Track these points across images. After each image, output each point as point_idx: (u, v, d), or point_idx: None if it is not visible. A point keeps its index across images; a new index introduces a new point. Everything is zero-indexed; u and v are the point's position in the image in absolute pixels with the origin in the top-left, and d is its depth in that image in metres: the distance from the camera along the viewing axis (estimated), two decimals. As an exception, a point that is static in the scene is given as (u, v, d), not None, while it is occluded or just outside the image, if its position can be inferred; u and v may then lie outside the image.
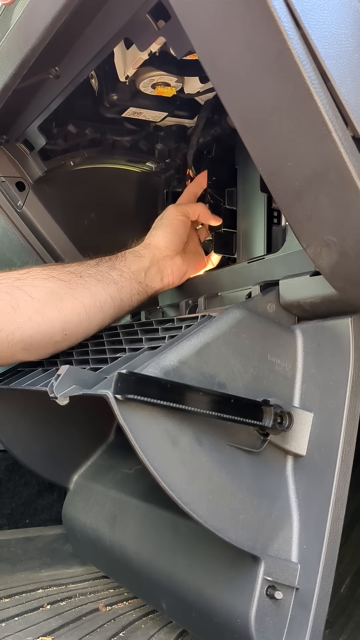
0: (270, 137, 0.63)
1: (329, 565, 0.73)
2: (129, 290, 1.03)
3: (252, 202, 1.11)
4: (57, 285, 0.95)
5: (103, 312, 0.99)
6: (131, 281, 1.04)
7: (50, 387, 0.70)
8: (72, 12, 0.78)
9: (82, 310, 0.96)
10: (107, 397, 0.64)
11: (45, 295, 0.94)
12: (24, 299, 0.92)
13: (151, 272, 1.08)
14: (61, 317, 0.94)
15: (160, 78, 1.07)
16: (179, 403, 0.67)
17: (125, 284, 1.03)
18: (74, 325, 0.96)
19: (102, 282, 1.00)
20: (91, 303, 0.97)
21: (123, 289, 1.02)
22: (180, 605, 0.85)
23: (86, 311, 0.97)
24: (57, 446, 1.15)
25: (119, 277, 1.02)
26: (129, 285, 1.03)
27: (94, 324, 0.99)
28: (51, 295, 0.94)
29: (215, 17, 0.58)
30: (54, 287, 0.95)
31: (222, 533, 0.70)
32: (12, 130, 1.19)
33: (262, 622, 0.72)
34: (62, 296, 0.95)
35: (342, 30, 0.56)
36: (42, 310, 0.93)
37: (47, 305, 0.93)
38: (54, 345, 0.97)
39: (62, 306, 0.94)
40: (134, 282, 1.04)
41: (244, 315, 0.78)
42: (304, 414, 0.77)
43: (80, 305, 0.96)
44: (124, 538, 0.99)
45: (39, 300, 0.93)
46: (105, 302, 0.99)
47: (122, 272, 1.03)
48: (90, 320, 0.98)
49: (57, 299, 0.94)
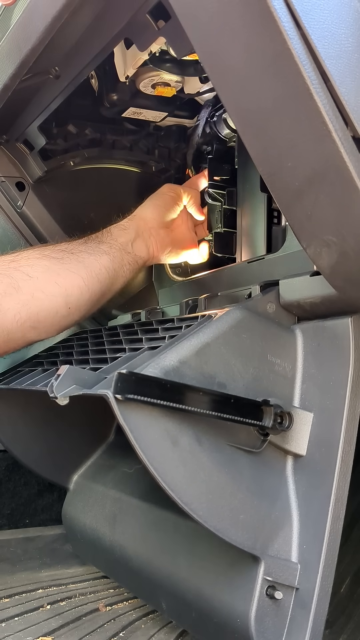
0: (270, 137, 0.63)
1: (329, 565, 0.73)
2: (120, 260, 1.07)
3: (252, 202, 1.11)
4: (51, 262, 0.99)
5: (100, 282, 1.03)
6: (121, 251, 1.08)
7: (50, 387, 0.70)
8: (72, 12, 0.78)
9: (80, 282, 1.00)
10: (107, 397, 0.64)
11: (42, 272, 0.97)
12: (23, 278, 0.94)
13: (137, 242, 1.12)
14: (62, 291, 0.97)
15: (160, 78, 1.07)
16: (179, 403, 0.67)
17: (116, 254, 1.07)
18: (75, 297, 0.99)
19: (93, 255, 1.04)
20: (87, 274, 1.01)
21: (114, 259, 1.06)
22: (180, 605, 0.85)
23: (85, 282, 1.00)
24: (57, 446, 1.15)
25: (109, 249, 1.06)
26: (119, 255, 1.07)
27: (95, 294, 1.02)
28: (48, 271, 0.97)
29: (215, 17, 0.58)
30: (49, 264, 0.98)
31: (222, 533, 0.70)
32: (12, 130, 1.19)
33: (262, 622, 0.72)
34: (58, 271, 0.98)
35: (342, 30, 0.57)
36: (42, 287, 0.96)
37: (46, 281, 0.96)
38: (60, 320, 0.99)
39: (60, 280, 0.98)
40: (123, 252, 1.08)
41: (244, 315, 0.78)
42: (304, 414, 0.77)
43: (77, 277, 0.99)
44: (124, 538, 0.99)
45: (38, 278, 0.96)
46: (100, 272, 1.03)
47: (111, 245, 1.07)
48: (91, 291, 1.01)
49: (55, 274, 0.97)
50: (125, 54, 1.03)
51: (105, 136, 1.28)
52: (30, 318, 0.95)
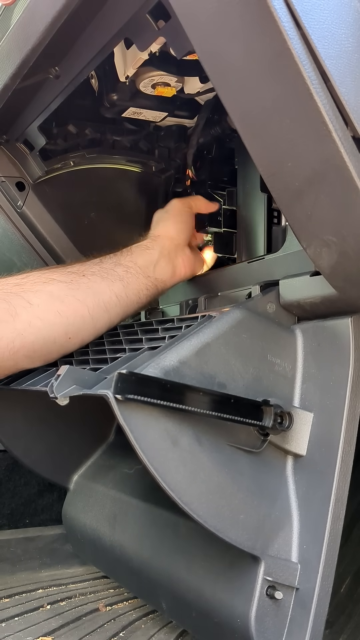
0: (270, 137, 0.63)
1: (329, 565, 0.73)
2: (136, 287, 0.99)
3: (252, 202, 1.11)
4: (58, 287, 0.93)
5: (108, 311, 0.96)
6: (138, 276, 1.00)
7: (50, 387, 0.70)
8: (72, 12, 0.78)
9: (85, 311, 0.93)
10: (107, 397, 0.64)
11: (45, 299, 0.90)
12: (22, 305, 0.89)
13: (161, 264, 1.03)
14: (63, 320, 0.91)
15: (160, 78, 1.07)
16: (179, 403, 0.67)
17: (132, 279, 0.99)
18: (76, 327, 0.93)
19: (106, 280, 0.96)
20: (94, 303, 0.94)
21: (130, 286, 0.98)
22: (180, 605, 0.85)
23: (89, 312, 0.94)
24: (57, 446, 1.15)
25: (125, 273, 0.98)
26: (135, 281, 0.99)
27: (99, 325, 0.96)
28: (51, 299, 0.91)
29: (215, 17, 0.58)
30: (54, 289, 0.92)
31: (222, 533, 0.70)
32: (12, 130, 1.19)
33: (262, 622, 0.72)
34: (62, 299, 0.92)
35: (342, 30, 0.57)
36: (42, 315, 0.90)
37: (47, 310, 0.90)
38: (58, 349, 0.94)
39: (63, 309, 0.91)
40: (141, 277, 1.00)
41: (244, 315, 0.78)
42: (304, 414, 0.77)
43: (82, 306, 0.93)
44: (124, 538, 0.99)
45: (38, 306, 0.90)
46: (110, 301, 0.96)
47: (128, 268, 0.99)
48: (95, 321, 0.95)
49: (58, 302, 0.91)
50: (125, 54, 1.03)
51: (105, 136, 1.28)
52: (24, 347, 0.89)
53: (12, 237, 1.28)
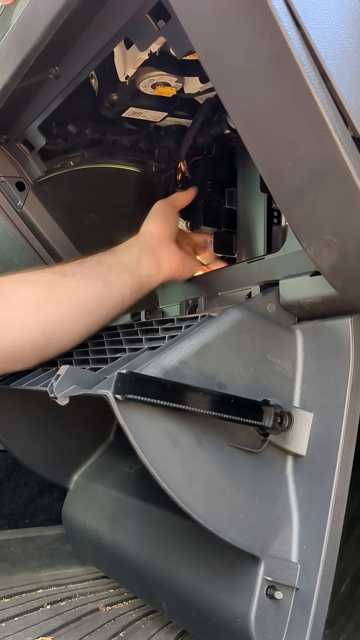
0: (270, 137, 0.63)
1: (329, 565, 0.73)
2: (119, 285, 0.98)
3: (252, 202, 1.11)
4: (37, 289, 0.92)
5: (89, 312, 0.95)
6: (121, 274, 0.99)
7: (50, 387, 0.70)
8: (72, 12, 0.78)
9: (63, 313, 0.93)
10: (107, 397, 0.64)
11: (23, 301, 0.90)
12: (3, 305, 0.89)
13: (145, 260, 1.02)
14: (40, 324, 0.91)
15: (160, 78, 1.07)
16: (179, 403, 0.67)
17: (114, 278, 0.98)
18: (55, 330, 0.92)
19: (87, 280, 0.95)
20: (73, 305, 0.94)
21: (111, 284, 0.97)
22: (180, 605, 0.85)
23: (68, 314, 0.93)
24: (57, 446, 1.15)
25: (107, 272, 0.97)
26: (118, 279, 0.98)
27: (81, 326, 0.95)
28: (29, 300, 0.91)
29: (215, 17, 0.58)
30: (33, 292, 0.92)
31: (222, 533, 0.70)
32: (12, 130, 1.19)
33: (262, 622, 0.72)
34: (41, 301, 0.91)
35: (342, 30, 0.56)
36: (20, 317, 0.89)
37: (25, 311, 0.90)
38: (39, 353, 0.93)
39: (41, 310, 0.91)
40: (124, 274, 0.99)
41: (244, 315, 0.78)
42: (304, 414, 0.77)
43: (61, 308, 0.93)
44: (123, 538, 0.99)
45: (17, 307, 0.90)
46: (89, 300, 0.95)
47: (110, 266, 0.98)
48: (75, 323, 0.94)
49: (37, 304, 0.91)
50: (125, 54, 1.03)
51: (105, 136, 1.28)
52: (5, 348, 0.89)
53: (12, 237, 1.28)
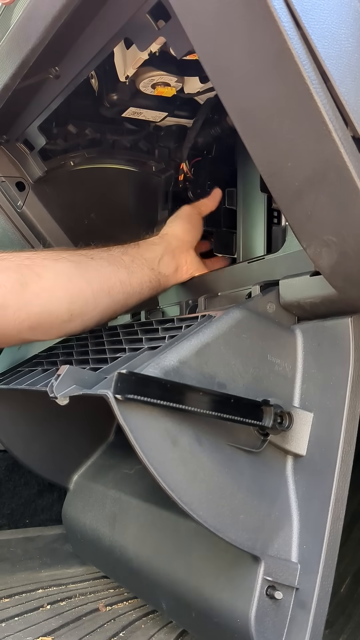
0: (270, 137, 0.63)
1: (329, 565, 0.73)
2: (140, 276, 1.03)
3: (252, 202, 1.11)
4: (66, 265, 0.97)
5: (110, 295, 0.99)
6: (143, 267, 1.03)
7: (50, 387, 0.70)
8: (72, 12, 0.78)
9: (88, 291, 0.97)
10: (107, 397, 0.64)
11: (53, 274, 0.95)
12: (32, 277, 0.93)
13: (165, 259, 1.06)
14: (67, 297, 0.95)
15: (160, 78, 1.07)
16: (179, 403, 0.67)
17: (137, 269, 1.02)
18: (79, 306, 0.97)
19: (112, 265, 1.00)
20: (99, 285, 0.98)
21: (134, 274, 1.02)
22: (180, 605, 0.85)
23: (93, 293, 0.97)
24: (57, 446, 1.15)
25: (131, 262, 1.02)
26: (140, 271, 1.03)
27: (101, 307, 0.99)
28: (59, 275, 0.95)
29: (215, 17, 0.58)
30: (63, 267, 0.96)
31: (222, 533, 0.70)
32: (12, 130, 1.19)
33: (262, 622, 0.72)
34: (70, 276, 0.96)
35: (342, 30, 0.56)
36: (49, 288, 0.93)
37: (55, 284, 0.94)
38: (60, 325, 0.97)
39: (69, 286, 0.95)
40: (146, 268, 1.03)
41: (244, 315, 0.78)
42: (304, 414, 0.77)
43: (87, 286, 0.97)
44: (124, 538, 0.99)
45: (47, 279, 0.94)
46: (114, 285, 0.99)
47: (134, 258, 1.03)
48: (97, 302, 0.98)
49: (66, 279, 0.96)
50: (125, 54, 1.03)
51: (105, 136, 1.28)
52: (29, 318, 0.93)
53: (12, 237, 1.28)
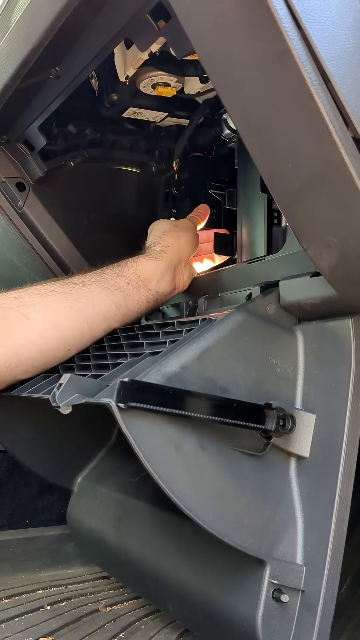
0: (270, 138, 0.63)
1: (335, 567, 0.73)
2: (137, 299, 0.99)
3: (253, 203, 1.11)
4: (56, 299, 0.91)
5: (106, 320, 0.95)
6: (139, 289, 0.99)
7: (53, 397, 0.69)
8: (72, 12, 0.77)
9: (83, 322, 0.92)
10: (110, 405, 0.64)
11: (43, 313, 0.89)
12: (21, 321, 0.87)
13: (165, 278, 1.03)
14: (62, 334, 0.91)
15: (160, 78, 1.07)
16: (182, 409, 0.66)
17: (133, 291, 0.98)
18: (75, 339, 0.93)
19: (106, 290, 0.95)
20: (93, 313, 0.93)
21: (130, 297, 0.97)
22: (187, 607, 0.85)
23: (88, 324, 0.93)
24: (60, 448, 1.14)
25: (126, 285, 0.97)
26: (136, 293, 0.98)
27: (98, 332, 0.96)
28: (49, 312, 0.90)
29: (215, 18, 0.58)
30: (52, 302, 0.91)
31: (227, 538, 0.69)
32: (12, 131, 1.19)
33: (269, 625, 0.71)
34: (61, 312, 0.91)
35: (342, 31, 0.56)
36: (40, 330, 0.88)
37: (45, 324, 0.89)
38: (57, 361, 0.94)
39: (61, 322, 0.90)
40: (142, 289, 0.99)
41: (244, 318, 0.77)
42: (306, 416, 0.77)
43: (80, 317, 0.92)
44: (129, 541, 0.99)
45: (37, 320, 0.88)
46: (109, 310, 0.95)
47: (130, 280, 0.98)
48: (93, 330, 0.94)
49: (57, 315, 0.90)
50: (125, 54, 1.03)
51: (105, 136, 1.28)
52: (22, 363, 0.88)
53: (12, 237, 1.28)
